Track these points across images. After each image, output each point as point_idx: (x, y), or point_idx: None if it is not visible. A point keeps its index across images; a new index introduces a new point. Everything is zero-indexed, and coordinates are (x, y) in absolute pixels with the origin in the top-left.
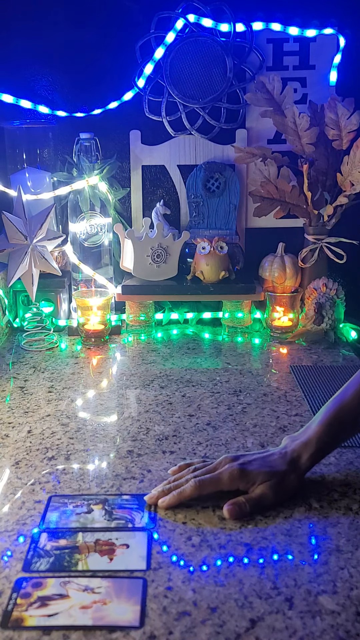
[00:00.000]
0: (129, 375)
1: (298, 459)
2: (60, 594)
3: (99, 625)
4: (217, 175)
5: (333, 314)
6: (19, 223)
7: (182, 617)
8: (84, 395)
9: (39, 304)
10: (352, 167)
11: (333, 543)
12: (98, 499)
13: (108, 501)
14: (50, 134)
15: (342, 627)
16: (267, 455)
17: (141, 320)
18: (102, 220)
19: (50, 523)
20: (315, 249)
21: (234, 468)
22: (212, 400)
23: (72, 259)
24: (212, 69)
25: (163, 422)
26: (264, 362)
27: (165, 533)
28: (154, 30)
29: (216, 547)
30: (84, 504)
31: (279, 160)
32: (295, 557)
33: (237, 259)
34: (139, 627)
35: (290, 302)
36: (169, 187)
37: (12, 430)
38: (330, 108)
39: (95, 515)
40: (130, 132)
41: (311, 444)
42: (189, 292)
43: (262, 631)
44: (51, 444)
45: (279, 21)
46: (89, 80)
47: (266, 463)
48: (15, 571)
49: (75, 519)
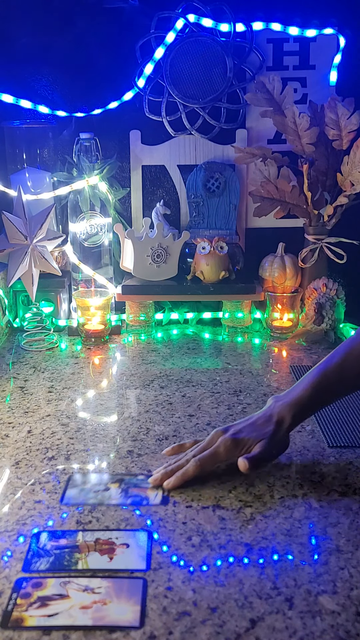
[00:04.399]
0: (129, 375)
1: (282, 420)
2: (60, 594)
3: (99, 625)
4: (217, 175)
5: (333, 314)
6: (19, 223)
7: (182, 617)
8: (84, 395)
9: (39, 304)
10: (352, 167)
11: (333, 543)
12: (115, 478)
13: (124, 480)
14: (50, 134)
15: (342, 627)
16: (254, 421)
17: (141, 320)
18: (102, 220)
19: (71, 499)
20: (315, 249)
21: (226, 439)
22: (212, 400)
23: (72, 259)
24: (212, 69)
25: (163, 422)
26: (264, 362)
27: (165, 533)
28: (154, 30)
29: (216, 547)
30: (102, 483)
31: (279, 160)
32: (295, 557)
33: (237, 259)
34: (139, 627)
35: (290, 302)
36: (169, 187)
37: (12, 430)
38: (331, 108)
39: (112, 492)
40: (130, 132)
41: (295, 405)
42: (189, 292)
43: (262, 631)
44: (51, 444)
45: (279, 21)
46: (89, 80)
47: (254, 428)
48: (15, 571)
49: (93, 496)
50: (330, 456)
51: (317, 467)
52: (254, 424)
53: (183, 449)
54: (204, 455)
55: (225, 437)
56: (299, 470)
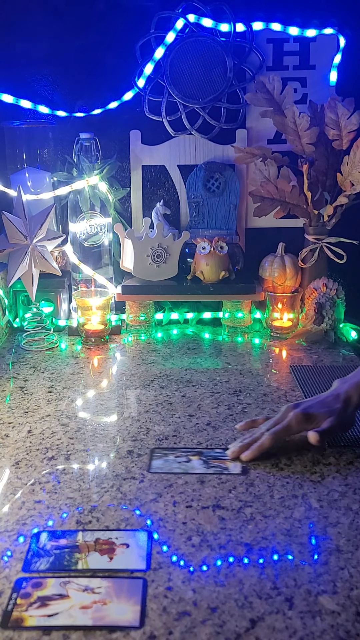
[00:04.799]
0: (129, 375)
1: (349, 399)
2: (60, 594)
3: (99, 625)
4: (217, 175)
5: (333, 314)
6: (19, 223)
7: (182, 617)
8: (84, 395)
9: (39, 304)
10: (352, 167)
11: (333, 543)
12: (194, 451)
13: (203, 453)
14: (50, 134)
15: (342, 627)
16: (323, 398)
17: (141, 320)
18: (102, 220)
19: (158, 468)
20: (315, 249)
21: (298, 413)
22: (212, 400)
23: (72, 259)
24: (212, 69)
25: (163, 422)
26: (264, 362)
27: (165, 533)
28: (154, 30)
29: (216, 547)
30: (183, 455)
31: (279, 160)
32: (295, 557)
33: (237, 259)
34: (139, 627)
35: (290, 302)
36: (169, 187)
37: (12, 430)
38: (331, 108)
39: (194, 464)
40: (130, 132)
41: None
42: (189, 292)
43: (262, 631)
44: (51, 444)
45: (279, 21)
46: (89, 80)
47: (324, 404)
48: (15, 571)
49: (177, 466)
50: (330, 456)
51: (317, 467)
52: (323, 401)
53: (255, 425)
54: (277, 429)
55: (296, 412)
56: (299, 470)
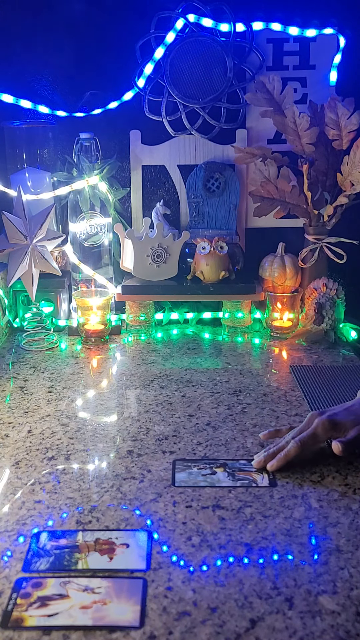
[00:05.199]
0: (129, 375)
1: None
2: (60, 594)
3: (99, 625)
4: (217, 175)
5: (333, 314)
6: (19, 223)
7: (182, 617)
8: (84, 395)
9: (39, 304)
10: (352, 167)
11: (333, 543)
12: (218, 462)
13: (228, 464)
14: (50, 134)
15: (342, 627)
16: (349, 406)
17: (141, 320)
18: (102, 220)
19: (182, 482)
20: (315, 249)
21: (324, 420)
22: (212, 400)
23: (72, 259)
24: (212, 68)
25: (163, 422)
26: (264, 362)
27: (165, 533)
28: (154, 30)
29: (216, 547)
30: (207, 467)
31: (279, 160)
32: (295, 557)
33: (237, 259)
34: (139, 627)
35: (290, 302)
36: (169, 187)
37: (12, 430)
38: (330, 108)
39: (219, 476)
40: (130, 132)
41: None
42: (189, 292)
43: (262, 631)
44: (51, 444)
45: (279, 21)
46: (89, 80)
47: (351, 412)
48: (15, 571)
49: (202, 479)
50: (330, 456)
51: (317, 467)
52: (349, 409)
53: (280, 435)
54: (303, 436)
55: (322, 419)
56: (299, 470)
